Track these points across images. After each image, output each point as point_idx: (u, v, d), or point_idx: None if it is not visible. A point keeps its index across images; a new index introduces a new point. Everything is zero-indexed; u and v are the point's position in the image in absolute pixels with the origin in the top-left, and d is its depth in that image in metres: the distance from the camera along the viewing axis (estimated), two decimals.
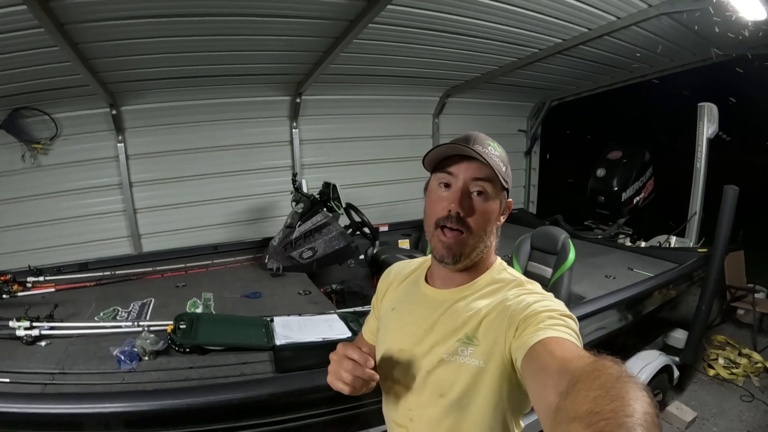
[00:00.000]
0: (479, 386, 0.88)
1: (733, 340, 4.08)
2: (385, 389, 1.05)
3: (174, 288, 2.98)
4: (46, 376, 1.84)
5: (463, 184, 0.92)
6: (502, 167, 0.94)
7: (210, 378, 1.83)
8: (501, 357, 0.85)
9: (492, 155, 0.92)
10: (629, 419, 0.48)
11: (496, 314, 0.89)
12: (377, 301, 1.18)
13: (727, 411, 3.28)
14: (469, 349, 0.89)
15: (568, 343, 0.74)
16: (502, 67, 4.26)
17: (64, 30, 2.40)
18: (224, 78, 3.72)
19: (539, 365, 0.72)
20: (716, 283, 3.29)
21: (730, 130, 4.13)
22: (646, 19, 3.19)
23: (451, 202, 0.91)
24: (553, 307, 0.85)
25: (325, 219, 3.50)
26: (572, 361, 0.66)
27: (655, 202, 4.86)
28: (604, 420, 0.48)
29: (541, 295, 0.90)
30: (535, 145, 6.22)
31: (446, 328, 0.94)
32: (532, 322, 0.81)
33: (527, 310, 0.84)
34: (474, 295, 0.96)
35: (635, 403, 0.50)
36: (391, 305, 1.09)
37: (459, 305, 0.95)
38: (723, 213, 3.13)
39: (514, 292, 0.92)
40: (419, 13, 2.95)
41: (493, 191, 0.93)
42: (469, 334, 0.90)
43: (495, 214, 0.95)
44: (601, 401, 0.51)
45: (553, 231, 2.93)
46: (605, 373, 0.57)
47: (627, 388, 0.53)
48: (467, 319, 0.92)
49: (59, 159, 3.59)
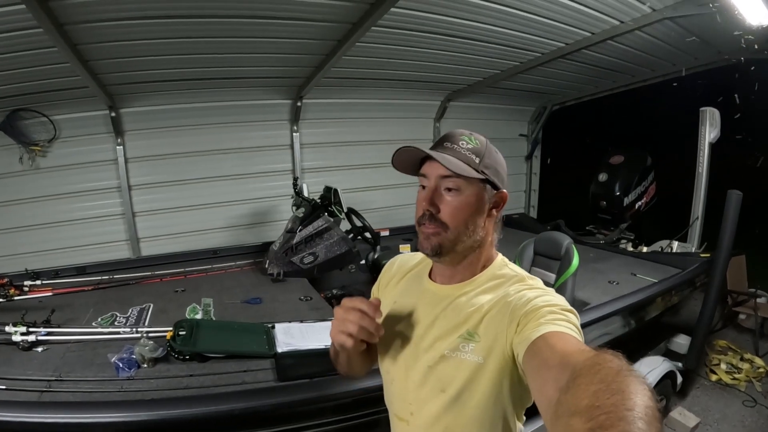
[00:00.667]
0: (479, 382, 0.88)
1: (734, 345, 4.06)
2: (387, 382, 1.07)
3: (173, 293, 2.94)
4: (43, 383, 1.81)
5: (434, 183, 0.93)
6: (474, 159, 0.93)
7: (210, 386, 1.79)
8: (502, 352, 0.86)
9: (461, 149, 0.93)
10: (630, 413, 0.48)
11: (497, 310, 0.89)
12: (377, 291, 1.18)
13: (730, 416, 3.26)
14: (470, 345, 0.90)
15: (569, 338, 0.75)
16: (505, 71, 4.25)
17: (64, 30, 2.37)
18: (225, 81, 3.71)
19: (540, 360, 0.73)
20: (719, 288, 3.27)
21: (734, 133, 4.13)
22: (649, 23, 3.18)
23: (423, 201, 0.94)
24: (554, 302, 0.85)
25: (326, 224, 3.47)
26: (573, 356, 0.66)
27: (657, 207, 4.84)
28: (604, 414, 0.48)
29: (542, 290, 0.90)
30: (535, 150, 6.21)
31: (448, 324, 0.94)
32: (533, 317, 0.81)
33: (528, 305, 0.84)
34: (475, 291, 0.96)
35: (636, 397, 0.50)
36: (393, 299, 1.09)
37: (460, 301, 0.96)
38: (726, 218, 3.11)
39: (515, 288, 0.92)
40: (423, 16, 2.94)
41: (465, 185, 0.92)
42: (471, 330, 0.91)
43: (472, 207, 0.94)
44: (602, 395, 0.51)
45: (556, 236, 2.90)
46: (606, 367, 0.56)
47: (627, 381, 0.53)
48: (469, 315, 0.93)
49: (58, 161, 3.57)
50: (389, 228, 4.67)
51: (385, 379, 1.07)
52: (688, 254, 3.95)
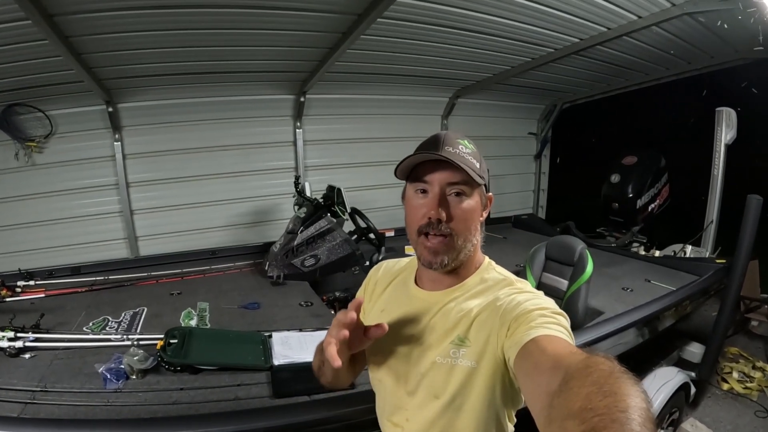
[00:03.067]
0: (472, 386, 0.89)
1: (746, 353, 3.95)
2: (380, 391, 1.08)
3: (168, 296, 2.86)
4: (27, 393, 1.72)
5: (440, 189, 0.92)
6: (476, 164, 0.93)
7: (201, 402, 1.69)
8: (493, 356, 0.86)
9: (464, 154, 0.92)
10: (623, 414, 0.48)
11: (487, 314, 0.90)
12: (362, 293, 1.18)
13: (742, 427, 3.15)
14: (462, 350, 0.90)
15: (560, 341, 0.75)
16: (515, 68, 4.12)
17: (54, 22, 2.26)
18: (225, 75, 3.60)
19: (532, 363, 0.73)
20: (737, 297, 3.15)
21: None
22: (668, 19, 3.05)
23: (431, 209, 0.91)
24: (544, 305, 0.85)
25: (328, 224, 3.36)
26: (565, 358, 0.66)
27: (670, 210, 4.72)
28: (597, 416, 0.48)
29: (531, 294, 0.91)
30: (545, 149, 6.09)
31: (438, 331, 0.95)
32: (523, 321, 0.81)
33: (518, 308, 0.85)
34: (464, 296, 0.96)
35: (629, 399, 0.50)
36: (380, 306, 1.09)
37: (449, 306, 0.96)
38: (746, 224, 2.97)
39: (504, 292, 0.92)
40: (431, 7, 2.81)
41: (470, 190, 0.93)
42: (461, 336, 0.91)
43: (476, 212, 0.95)
44: (594, 397, 0.51)
45: (569, 241, 2.80)
46: (598, 369, 0.56)
47: (620, 383, 0.53)
48: (458, 320, 0.93)
49: (54, 158, 3.49)
50: (394, 228, 4.55)
51: (377, 387, 1.08)
52: (702, 259, 3.82)
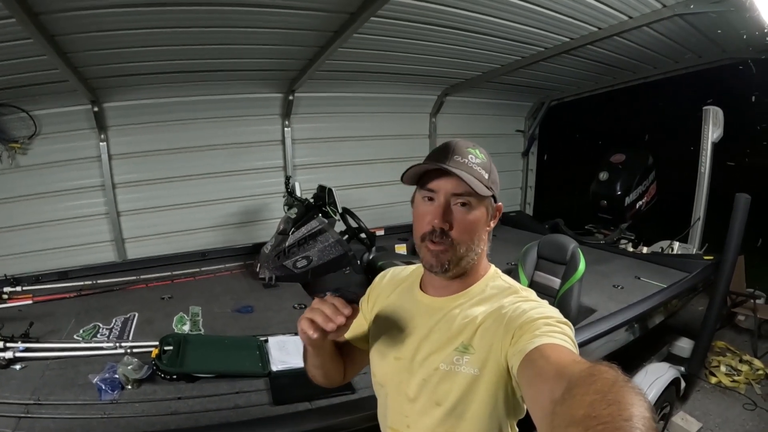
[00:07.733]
0: (475, 394, 0.88)
1: (733, 346, 4.05)
2: (381, 396, 1.07)
3: (159, 300, 2.81)
4: (21, 407, 1.68)
5: (445, 199, 0.91)
6: (484, 175, 0.93)
7: (200, 411, 1.66)
8: (496, 364, 0.86)
9: (472, 164, 0.92)
10: (627, 423, 0.47)
11: (491, 321, 0.89)
12: (365, 303, 1.16)
13: (731, 420, 3.22)
14: (465, 357, 0.90)
15: (563, 350, 0.75)
16: (505, 66, 4.12)
17: (39, 20, 2.18)
18: (213, 73, 3.53)
19: (535, 371, 0.73)
20: (725, 293, 3.21)
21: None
22: (659, 19, 3.06)
23: (434, 217, 0.91)
24: (549, 314, 0.85)
25: (320, 225, 3.33)
26: (568, 367, 0.66)
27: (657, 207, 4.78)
28: (601, 424, 0.48)
29: (536, 302, 0.91)
30: (532, 146, 6.12)
31: (442, 337, 0.94)
32: (528, 329, 0.81)
33: (523, 317, 0.85)
34: (469, 302, 0.96)
35: (632, 408, 0.50)
36: (385, 312, 1.08)
37: (454, 313, 0.95)
38: (734, 222, 3.04)
39: (509, 300, 0.92)
40: (424, 6, 2.78)
41: (476, 201, 0.92)
42: (465, 343, 0.91)
43: (481, 222, 0.94)
44: (598, 405, 0.50)
45: (561, 240, 2.81)
46: (601, 378, 0.56)
47: (623, 392, 0.53)
48: (463, 327, 0.92)
49: (38, 159, 3.39)
50: (384, 227, 4.54)
51: (379, 393, 1.08)
52: (690, 256, 3.88)
